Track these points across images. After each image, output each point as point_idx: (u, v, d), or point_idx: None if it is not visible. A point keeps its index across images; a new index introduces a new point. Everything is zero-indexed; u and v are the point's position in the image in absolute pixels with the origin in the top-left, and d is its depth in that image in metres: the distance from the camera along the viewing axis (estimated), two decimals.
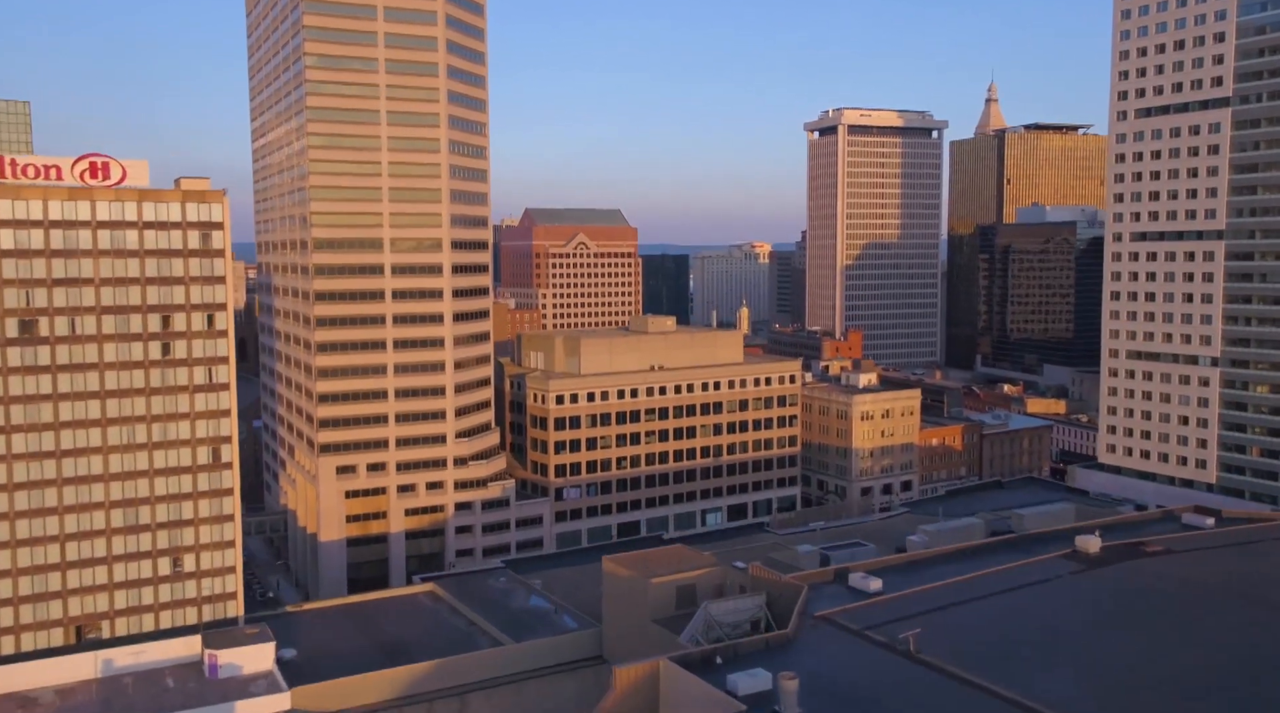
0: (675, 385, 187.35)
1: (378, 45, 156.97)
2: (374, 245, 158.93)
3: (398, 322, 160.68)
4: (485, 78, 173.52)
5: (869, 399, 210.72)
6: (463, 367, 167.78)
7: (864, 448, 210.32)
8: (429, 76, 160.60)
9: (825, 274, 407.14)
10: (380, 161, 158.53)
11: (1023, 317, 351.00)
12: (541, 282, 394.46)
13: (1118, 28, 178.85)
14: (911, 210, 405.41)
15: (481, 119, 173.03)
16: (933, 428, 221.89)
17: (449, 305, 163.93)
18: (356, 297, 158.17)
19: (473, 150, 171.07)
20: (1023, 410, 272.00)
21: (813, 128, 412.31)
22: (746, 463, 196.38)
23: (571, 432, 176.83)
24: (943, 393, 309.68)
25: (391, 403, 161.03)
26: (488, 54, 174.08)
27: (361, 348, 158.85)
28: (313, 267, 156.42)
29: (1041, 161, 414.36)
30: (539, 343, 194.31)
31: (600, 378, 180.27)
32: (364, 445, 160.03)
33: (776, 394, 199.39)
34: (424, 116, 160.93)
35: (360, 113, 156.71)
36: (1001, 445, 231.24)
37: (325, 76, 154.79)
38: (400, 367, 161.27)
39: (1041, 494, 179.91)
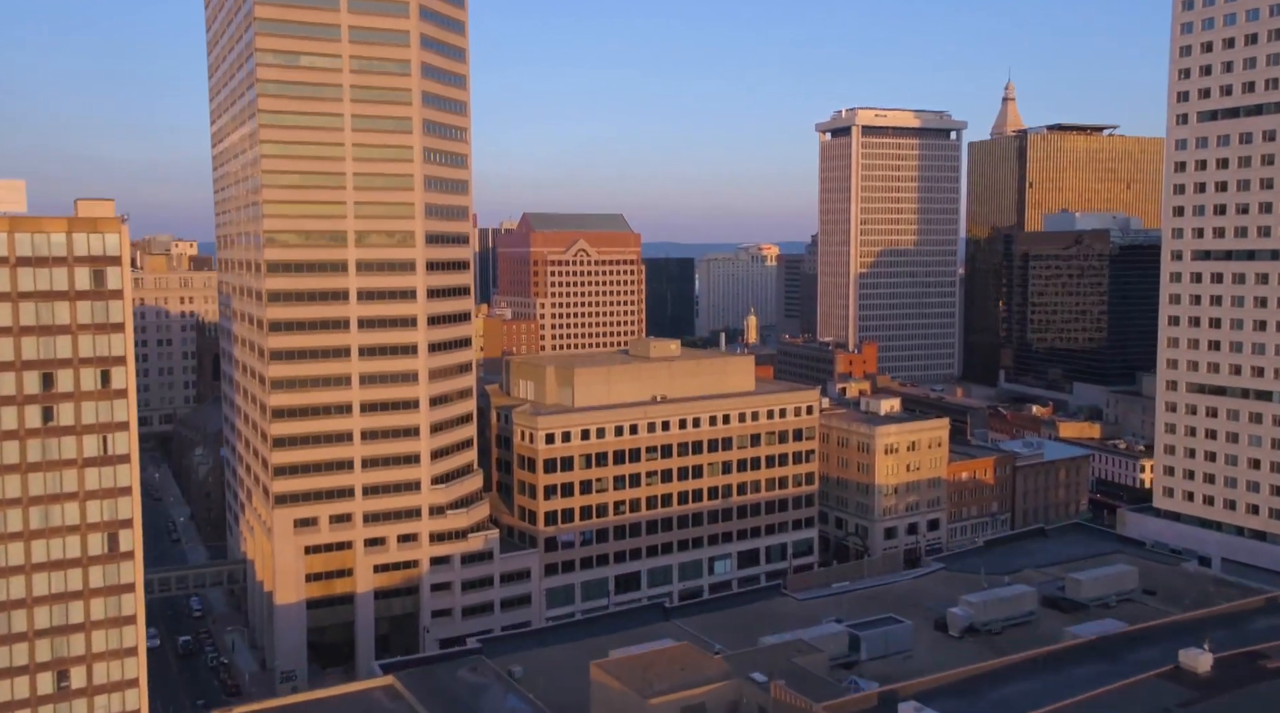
0: (680, 420, 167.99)
1: (341, 41, 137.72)
2: (338, 267, 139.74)
3: (364, 354, 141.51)
4: (466, 77, 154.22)
5: (893, 431, 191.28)
6: (441, 403, 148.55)
7: (887, 484, 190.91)
8: (399, 75, 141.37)
9: (837, 282, 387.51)
10: (344, 172, 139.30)
11: (1048, 329, 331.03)
12: (540, 290, 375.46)
13: (1178, 19, 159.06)
14: (929, 215, 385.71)
15: (462, 124, 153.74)
16: (962, 461, 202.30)
17: (423, 334, 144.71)
18: (316, 326, 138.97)
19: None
20: (1054, 435, 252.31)
21: (825, 128, 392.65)
22: (759, 504, 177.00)
23: (563, 474, 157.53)
24: (965, 414, 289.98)
25: (358, 446, 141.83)
26: (469, 51, 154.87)
27: (323, 384, 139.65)
28: (266, 292, 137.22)
29: (1065, 164, 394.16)
30: (529, 371, 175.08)
31: (595, 413, 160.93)
32: (326, 495, 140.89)
33: (792, 427, 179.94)
34: (395, 121, 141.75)
35: (319, 117, 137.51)
36: (1036, 479, 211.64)
37: (279, 75, 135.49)
38: (368, 405, 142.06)
39: (1091, 545, 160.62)
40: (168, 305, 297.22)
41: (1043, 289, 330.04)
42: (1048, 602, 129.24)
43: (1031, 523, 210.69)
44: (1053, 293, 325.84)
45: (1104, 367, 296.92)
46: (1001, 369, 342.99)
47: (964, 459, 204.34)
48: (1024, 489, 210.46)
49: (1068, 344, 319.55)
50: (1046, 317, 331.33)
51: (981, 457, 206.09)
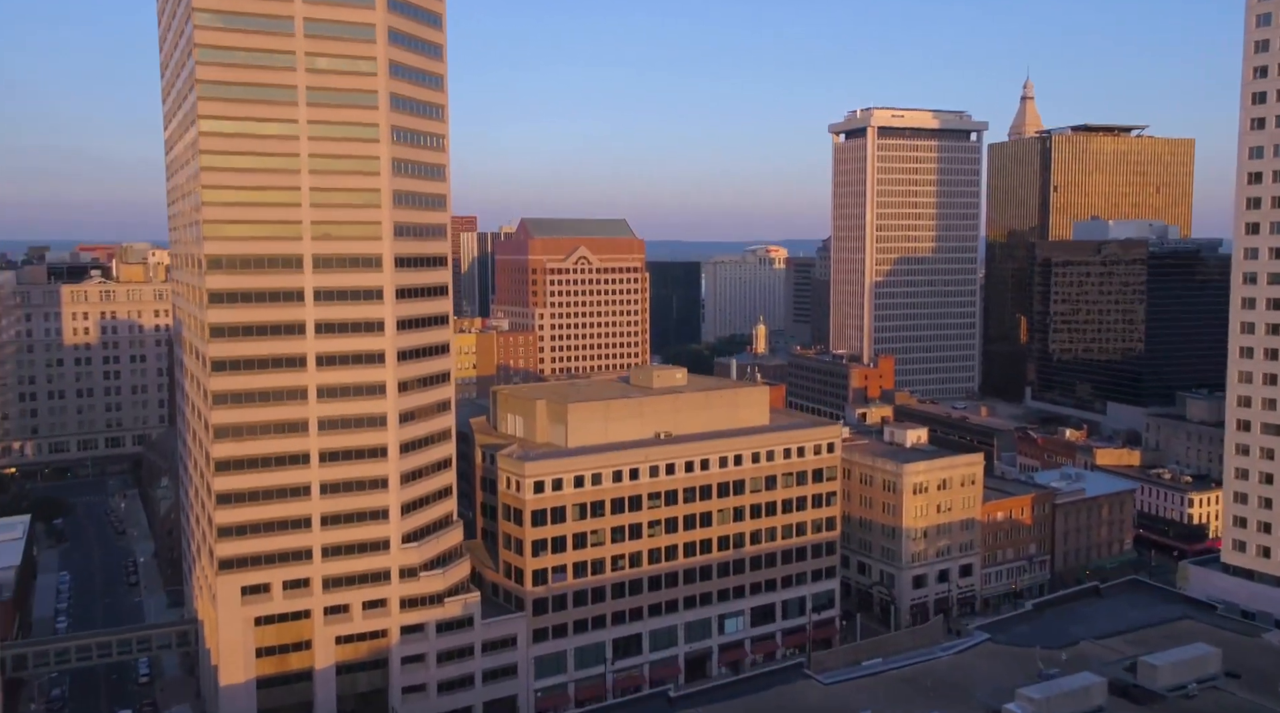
0: (686, 462, 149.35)
1: (295, 36, 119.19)
2: (292, 296, 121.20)
3: (324, 395, 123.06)
4: (443, 78, 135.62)
5: (922, 468, 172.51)
6: (414, 449, 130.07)
7: (916, 527, 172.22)
8: (363, 76, 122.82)
9: (851, 291, 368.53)
10: (299, 187, 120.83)
11: (1076, 343, 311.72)
12: (539, 300, 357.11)
13: (1253, 10, 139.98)
14: (948, 221, 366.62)
15: (439, 131, 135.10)
16: (998, 500, 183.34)
17: (392, 372, 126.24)
18: (269, 364, 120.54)
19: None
20: (1090, 462, 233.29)
21: (838, 129, 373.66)
22: (775, 554, 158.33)
23: (554, 527, 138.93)
24: (992, 436, 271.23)
25: (316, 501, 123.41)
26: (446, 48, 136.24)
27: (277, 431, 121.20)
28: (208, 326, 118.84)
29: (1091, 167, 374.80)
30: (518, 405, 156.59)
31: (590, 457, 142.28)
32: (280, 557, 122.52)
33: (812, 467, 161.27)
34: (359, 128, 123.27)
35: (269, 123, 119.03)
36: (1078, 517, 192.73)
37: (221, 75, 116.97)
38: (329, 454, 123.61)
39: (1153, 607, 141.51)
40: (141, 318, 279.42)
41: (1070, 300, 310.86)
42: (1117, 689, 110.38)
43: (1072, 564, 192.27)
44: (1081, 304, 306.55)
45: (1140, 386, 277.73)
46: (1028, 386, 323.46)
47: (999, 497, 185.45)
48: (1064, 529, 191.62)
49: (1099, 360, 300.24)
50: (1075, 330, 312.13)
51: (1018, 494, 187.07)
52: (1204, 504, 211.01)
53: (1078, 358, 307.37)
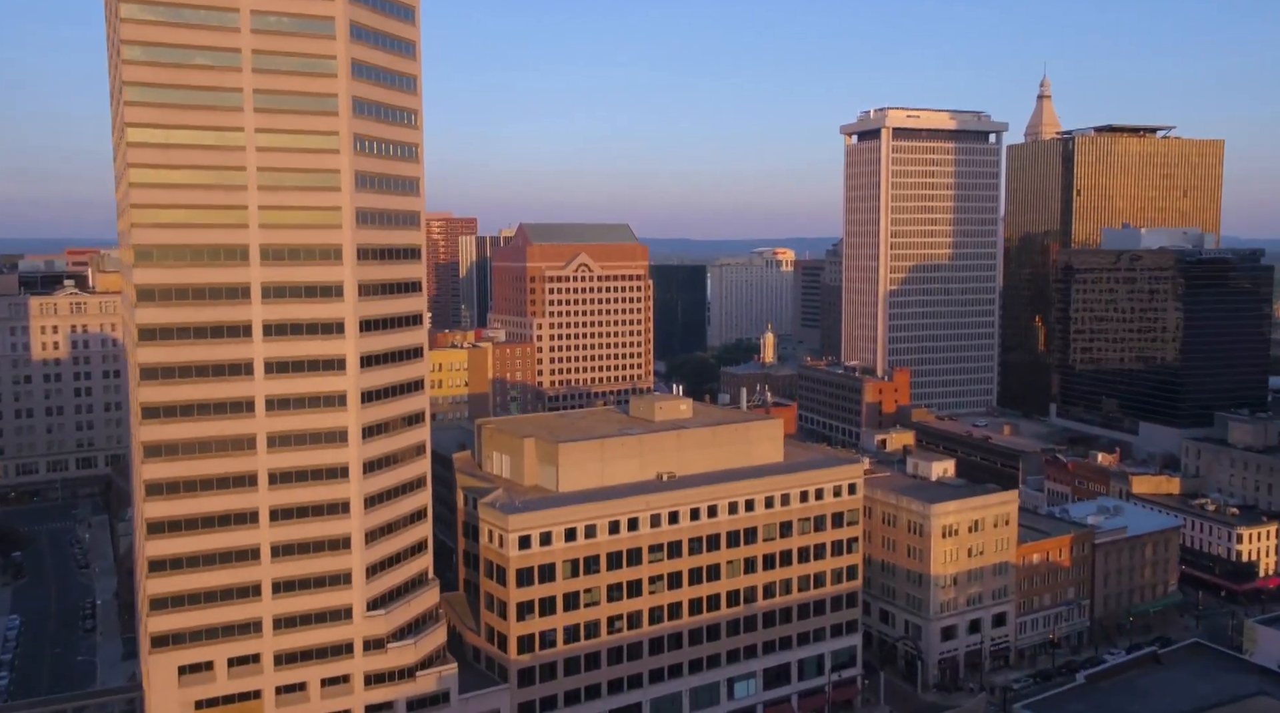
0: (692, 509, 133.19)
1: (240, 32, 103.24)
2: (236, 331, 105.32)
3: (276, 444, 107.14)
4: (417, 78, 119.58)
5: (952, 509, 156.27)
6: (380, 503, 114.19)
7: (945, 574, 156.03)
8: (321, 77, 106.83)
9: (864, 299, 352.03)
10: (246, 205, 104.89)
11: (1105, 357, 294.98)
12: (537, 310, 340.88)
13: None
14: (965, 227, 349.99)
15: (412, 139, 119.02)
16: (1034, 541, 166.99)
17: (355, 416, 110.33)
18: (210, 409, 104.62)
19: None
20: (1125, 489, 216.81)
21: (850, 131, 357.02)
22: (790, 608, 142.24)
23: (542, 587, 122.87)
24: (1016, 459, 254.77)
25: (267, 565, 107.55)
26: (420, 44, 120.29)
27: (219, 486, 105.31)
28: (138, 366, 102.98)
29: (1116, 169, 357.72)
30: (504, 443, 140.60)
31: (583, 507, 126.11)
32: (224, 631, 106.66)
33: (831, 511, 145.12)
34: (316, 137, 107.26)
35: (210, 132, 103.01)
36: (1119, 557, 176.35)
37: (153, 76, 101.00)
38: (280, 511, 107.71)
39: (1220, 678, 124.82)
40: (115, 331, 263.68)
41: (1098, 311, 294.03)
42: None
43: (1113, 609, 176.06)
44: (1110, 316, 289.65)
45: (1175, 405, 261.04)
46: (1053, 402, 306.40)
47: (1033, 536, 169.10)
48: (1105, 570, 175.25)
49: (1129, 376, 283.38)
50: (1102, 342, 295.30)
51: (1056, 534, 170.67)
52: (1254, 540, 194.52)
53: (1104, 371, 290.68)
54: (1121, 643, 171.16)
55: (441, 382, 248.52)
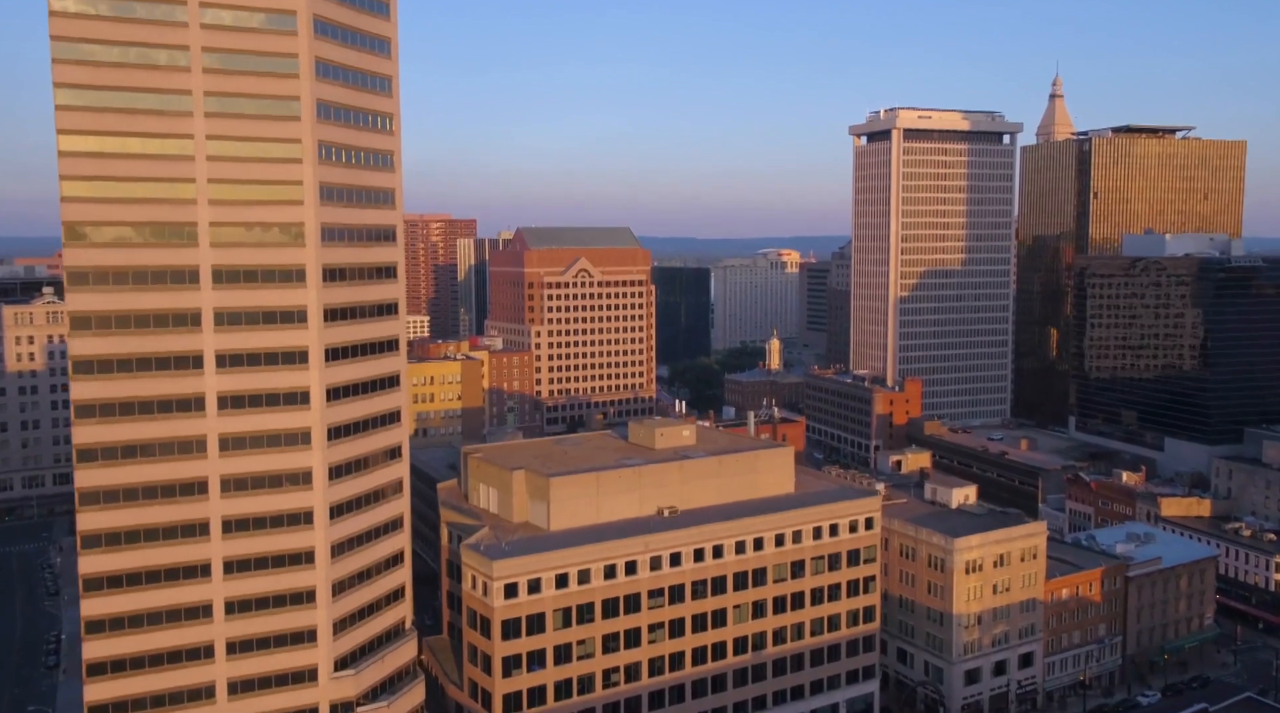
0: (695, 549, 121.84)
1: (189, 27, 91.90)
2: (185, 361, 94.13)
3: (231, 488, 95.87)
4: (393, 79, 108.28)
5: (976, 543, 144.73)
6: (350, 550, 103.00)
7: (969, 613, 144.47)
8: (280, 77, 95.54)
9: (874, 306, 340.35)
10: (196, 222, 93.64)
11: (1125, 367, 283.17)
12: (535, 317, 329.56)
13: None
14: (978, 231, 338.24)
15: (387, 147, 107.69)
16: (1062, 576, 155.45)
17: (321, 455, 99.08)
18: (155, 450, 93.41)
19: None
20: (1153, 511, 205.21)
21: (860, 131, 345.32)
22: (802, 654, 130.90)
23: (531, 639, 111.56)
24: (1035, 476, 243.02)
25: (220, 624, 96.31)
26: (396, 42, 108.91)
27: (166, 536, 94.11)
28: (74, 403, 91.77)
29: (1134, 171, 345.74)
30: (491, 475, 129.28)
31: (576, 550, 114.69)
32: (171, 698, 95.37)
33: (846, 549, 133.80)
34: (278, 144, 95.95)
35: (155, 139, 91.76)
36: (1153, 591, 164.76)
37: (91, 77, 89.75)
38: (236, 563, 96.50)
39: None
40: None
41: (1118, 320, 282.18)
42: None
43: (1145, 645, 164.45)
44: (1133, 325, 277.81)
45: (1202, 420, 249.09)
46: (1072, 415, 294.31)
47: (1061, 568, 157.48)
48: (1138, 605, 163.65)
49: (1151, 388, 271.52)
50: (1123, 353, 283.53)
51: (1086, 568, 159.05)
52: None
53: (1125, 382, 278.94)
54: (1156, 683, 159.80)
55: (433, 396, 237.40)
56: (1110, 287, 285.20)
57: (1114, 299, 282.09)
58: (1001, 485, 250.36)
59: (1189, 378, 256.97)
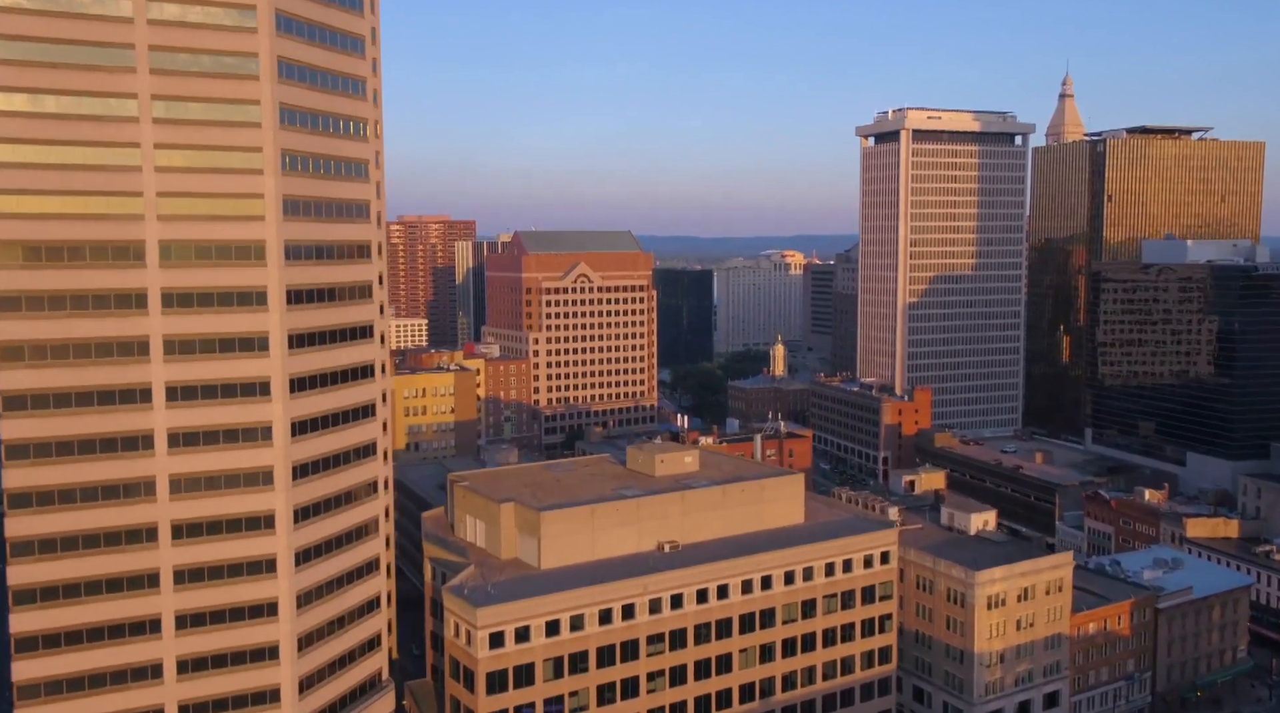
0: (698, 589, 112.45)
1: (134, 23, 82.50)
2: (133, 395, 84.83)
3: (183, 535, 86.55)
4: (365, 81, 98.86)
5: (999, 576, 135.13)
6: (318, 599, 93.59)
7: (991, 651, 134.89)
8: (237, 79, 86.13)
9: (882, 312, 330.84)
10: (143, 240, 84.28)
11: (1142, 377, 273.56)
12: (533, 323, 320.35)
13: None
14: (989, 235, 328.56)
15: (360, 156, 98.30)
16: (1090, 609, 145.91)
17: (285, 496, 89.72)
18: (98, 495, 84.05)
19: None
20: (1179, 532, 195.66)
21: (867, 133, 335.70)
22: (813, 701, 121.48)
23: (518, 692, 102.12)
24: (1052, 492, 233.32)
25: (171, 686, 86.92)
26: (372, 39, 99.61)
27: (110, 590, 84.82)
28: (3, 444, 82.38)
29: (1150, 173, 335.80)
30: (478, 506, 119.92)
31: (569, 594, 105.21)
32: None
33: (861, 585, 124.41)
34: (238, 155, 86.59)
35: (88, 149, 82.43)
36: (1184, 623, 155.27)
37: (16, 79, 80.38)
38: (190, 617, 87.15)
39: None
40: None
41: (1133, 328, 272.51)
42: None
43: (1177, 681, 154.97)
44: (1150, 334, 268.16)
45: (1226, 434, 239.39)
46: (1088, 427, 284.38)
47: (1085, 598, 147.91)
48: (1169, 638, 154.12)
49: (1171, 399, 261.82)
50: (1139, 362, 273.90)
51: (1114, 599, 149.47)
52: None
53: (1143, 392, 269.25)
54: None
55: (425, 408, 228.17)
56: (1128, 293, 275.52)
57: (1132, 307, 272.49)
58: (1016, 502, 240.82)
59: (1211, 390, 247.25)
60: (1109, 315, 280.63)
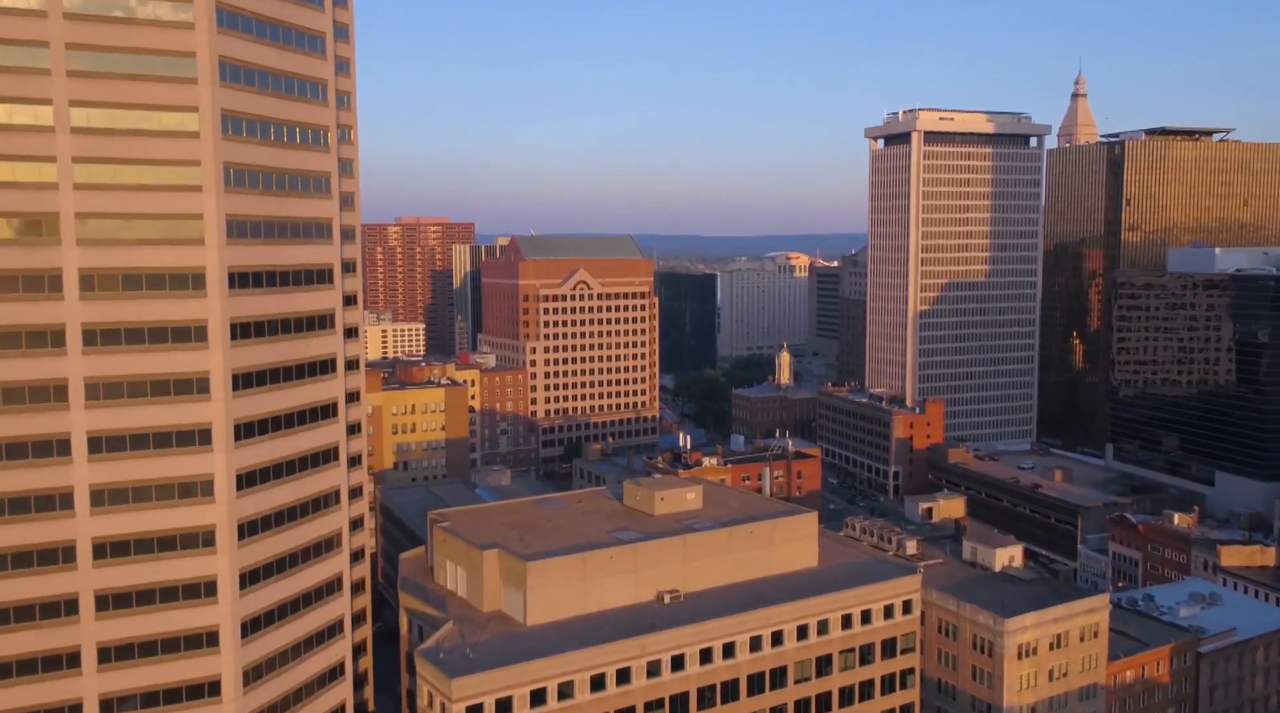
0: (702, 648, 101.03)
1: (46, 18, 71.30)
2: (49, 448, 73.51)
3: (108, 607, 75.34)
4: (327, 83, 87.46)
5: (1030, 623, 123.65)
6: (268, 675, 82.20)
7: (1021, 705, 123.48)
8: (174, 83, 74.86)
9: (892, 321, 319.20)
10: (60, 270, 73.03)
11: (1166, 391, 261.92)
12: (531, 332, 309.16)
13: None
14: (1003, 241, 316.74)
15: (323, 168, 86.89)
16: (1127, 657, 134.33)
17: (228, 558, 78.38)
18: (6, 563, 72.85)
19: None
20: (1212, 560, 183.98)
21: (876, 134, 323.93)
22: None
23: None
24: (1074, 514, 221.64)
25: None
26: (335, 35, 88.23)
27: (21, 673, 73.51)
28: None
29: (1170, 176, 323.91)
30: (459, 552, 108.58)
31: (556, 658, 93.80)
32: None
33: (881, 638, 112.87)
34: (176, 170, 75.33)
35: None
36: (1228, 668, 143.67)
37: None
38: (117, 701, 75.85)
39: None
40: None
41: (1157, 338, 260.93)
42: None
43: None
44: (1172, 345, 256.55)
45: (1259, 453, 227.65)
46: (1109, 443, 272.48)
47: (1122, 643, 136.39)
48: (1210, 683, 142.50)
49: (1196, 414, 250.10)
50: (1163, 374, 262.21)
51: (1153, 645, 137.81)
52: None
53: (1165, 406, 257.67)
54: None
55: (414, 426, 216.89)
56: (1151, 302, 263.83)
57: (1156, 317, 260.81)
58: (1036, 523, 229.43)
59: (1242, 406, 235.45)
60: (1130, 325, 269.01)
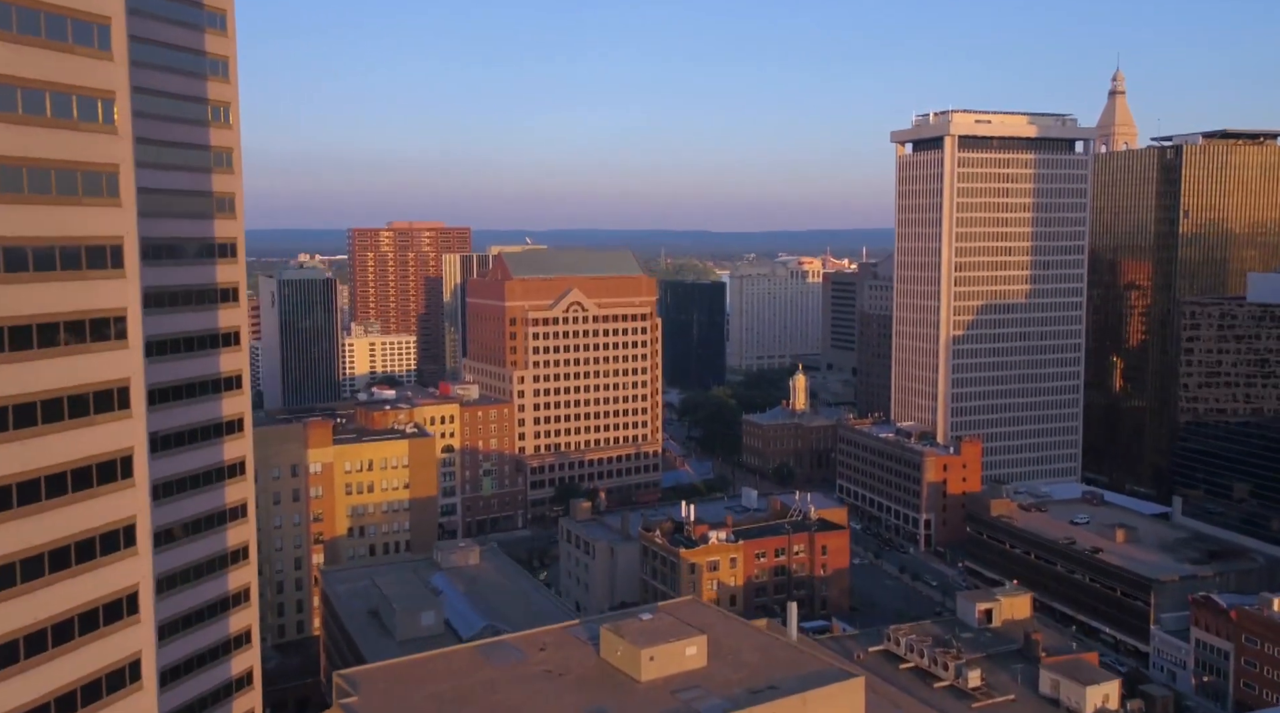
0: None
1: None
2: None
3: None
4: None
5: None
6: None
7: None
8: None
9: (922, 347, 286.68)
10: None
11: (1238, 435, 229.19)
12: (518, 359, 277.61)
13: None
14: (1045, 257, 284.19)
15: (109, 161, 54.96)
16: None
17: None
18: None
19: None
20: None
21: (904, 138, 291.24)
22: None
23: None
24: (1147, 590, 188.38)
25: None
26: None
27: None
28: None
29: (1230, 184, 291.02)
30: None
31: None
32: None
33: None
34: None
35: None
36: None
37: None
38: None
39: None
40: None
41: (1231, 378, 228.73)
42: None
43: None
44: (1250, 384, 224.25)
45: None
46: (1175, 492, 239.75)
47: None
48: None
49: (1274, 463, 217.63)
50: (1236, 417, 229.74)
51: None
52: None
53: (1239, 453, 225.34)
54: None
55: (372, 485, 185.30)
56: (1227, 333, 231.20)
57: (1231, 350, 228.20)
58: (1097, 595, 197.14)
59: None
60: (1197, 356, 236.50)
